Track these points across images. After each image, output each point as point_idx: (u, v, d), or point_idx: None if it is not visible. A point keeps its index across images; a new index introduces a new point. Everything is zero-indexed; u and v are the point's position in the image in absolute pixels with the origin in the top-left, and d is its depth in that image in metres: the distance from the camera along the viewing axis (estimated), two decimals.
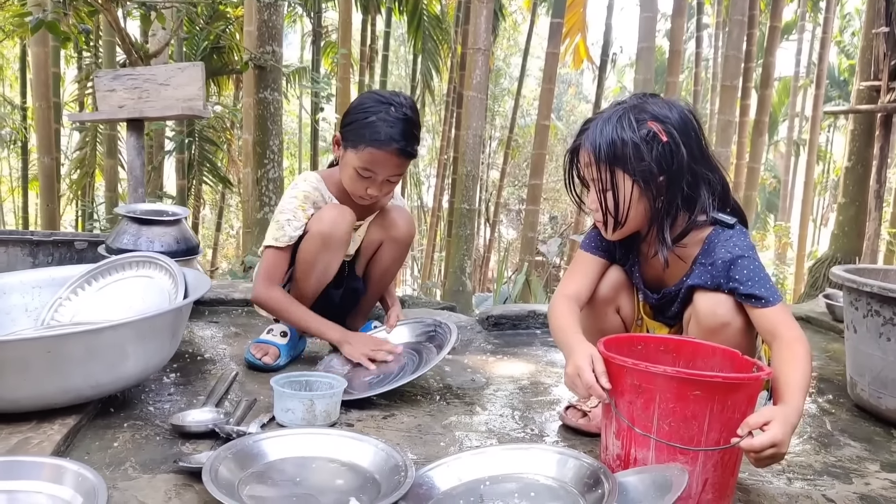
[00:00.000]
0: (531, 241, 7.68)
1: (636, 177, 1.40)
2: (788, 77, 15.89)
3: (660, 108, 1.43)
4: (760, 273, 1.39)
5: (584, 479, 1.21)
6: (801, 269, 11.04)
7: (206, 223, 14.07)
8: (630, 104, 1.45)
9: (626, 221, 1.45)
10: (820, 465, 1.55)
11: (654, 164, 1.39)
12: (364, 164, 1.88)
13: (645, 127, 1.39)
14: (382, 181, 1.92)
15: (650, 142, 1.39)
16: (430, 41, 10.65)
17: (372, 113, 1.86)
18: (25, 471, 1.13)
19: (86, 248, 2.83)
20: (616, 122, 1.41)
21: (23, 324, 1.91)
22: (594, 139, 1.43)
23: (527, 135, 16.05)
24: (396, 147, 1.85)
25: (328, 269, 2.01)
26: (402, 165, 1.92)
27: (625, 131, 1.39)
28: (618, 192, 1.42)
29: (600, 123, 1.43)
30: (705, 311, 1.42)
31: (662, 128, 1.39)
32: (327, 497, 1.20)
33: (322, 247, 1.94)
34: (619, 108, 1.44)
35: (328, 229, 1.93)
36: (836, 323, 2.90)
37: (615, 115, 1.42)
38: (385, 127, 1.84)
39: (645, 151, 1.38)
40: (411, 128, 1.89)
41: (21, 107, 10.35)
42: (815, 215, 17.17)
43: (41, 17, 3.92)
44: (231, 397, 1.72)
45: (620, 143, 1.39)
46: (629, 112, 1.42)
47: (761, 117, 8.81)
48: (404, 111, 1.89)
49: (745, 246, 1.43)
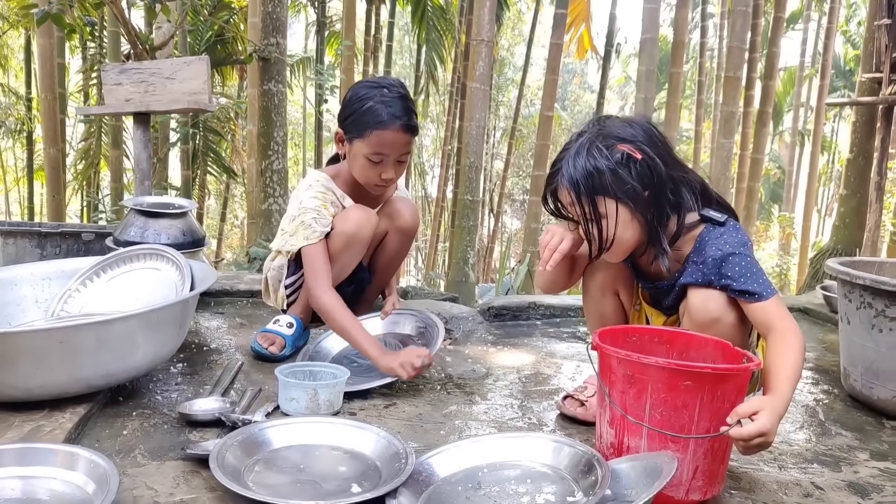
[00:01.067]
0: (535, 231, 7.71)
1: (622, 199, 1.43)
2: (793, 67, 15.83)
3: (622, 128, 1.46)
4: (753, 268, 1.42)
5: (579, 465, 1.25)
6: (804, 260, 11.03)
7: (211, 214, 14.13)
8: (592, 133, 1.46)
9: (615, 243, 1.47)
10: (811, 453, 1.58)
11: (636, 183, 1.42)
12: (373, 148, 1.91)
13: (616, 151, 1.42)
14: (394, 162, 1.96)
15: (626, 163, 1.41)
16: (434, 31, 10.64)
17: (368, 99, 1.90)
18: (40, 457, 1.17)
19: (93, 239, 2.87)
20: (586, 155, 1.43)
21: (33, 315, 1.95)
22: (570, 176, 1.44)
23: (531, 125, 16.05)
24: (401, 124, 1.89)
25: (346, 269, 2.05)
26: (408, 142, 1.96)
27: (598, 160, 1.41)
28: (607, 220, 1.45)
29: (571, 160, 1.45)
30: (696, 306, 1.46)
31: (633, 147, 1.42)
32: (330, 483, 1.24)
33: (345, 247, 1.98)
34: (583, 141, 1.46)
35: (353, 230, 1.97)
36: (833, 314, 2.93)
37: (583, 149, 1.44)
38: (384, 108, 1.88)
39: (624, 174, 1.41)
40: (408, 104, 1.94)
41: (26, 97, 10.40)
42: (820, 206, 17.15)
43: (46, 8, 3.95)
44: (237, 387, 1.77)
45: (597, 174, 1.41)
46: (595, 141, 1.44)
47: (765, 108, 8.79)
48: (397, 90, 1.94)
49: (735, 243, 1.45)
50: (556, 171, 1.48)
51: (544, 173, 8.04)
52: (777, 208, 17.36)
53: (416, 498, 1.20)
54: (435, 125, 16.66)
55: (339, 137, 2.01)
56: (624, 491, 1.16)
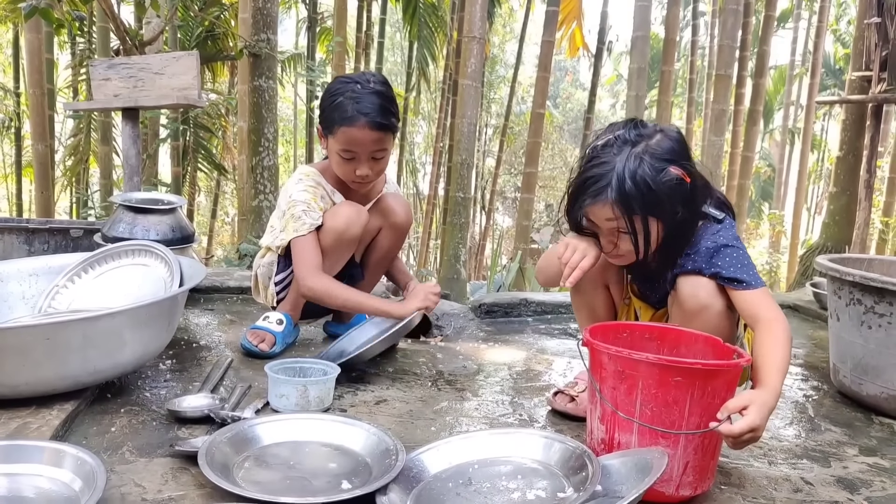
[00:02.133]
0: (526, 229, 7.71)
1: (663, 219, 1.43)
2: (784, 66, 15.92)
3: (665, 143, 1.42)
4: (744, 260, 1.44)
5: (569, 461, 1.25)
6: (794, 258, 11.10)
7: (202, 210, 14.05)
8: (639, 149, 1.40)
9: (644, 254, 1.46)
10: (801, 449, 1.59)
11: (681, 208, 1.42)
12: (342, 145, 1.90)
13: (669, 174, 1.39)
14: (367, 160, 1.92)
15: (677, 187, 1.40)
16: (425, 28, 10.63)
17: (339, 94, 1.88)
18: (26, 454, 1.16)
19: (81, 236, 2.85)
20: (640, 176, 1.37)
21: (20, 311, 1.93)
22: (621, 196, 1.38)
23: (523, 122, 16.05)
24: (366, 121, 1.85)
25: (336, 265, 2.04)
26: (380, 140, 1.90)
27: (652, 182, 1.37)
28: (649, 236, 1.43)
29: (622, 175, 1.38)
30: (686, 294, 1.47)
31: (684, 171, 1.40)
32: (320, 480, 1.23)
33: (335, 243, 1.97)
34: (632, 156, 1.39)
35: (343, 226, 1.96)
36: (822, 311, 2.94)
37: (632, 163, 1.38)
38: (352, 104, 1.85)
39: (675, 197, 1.40)
40: (380, 100, 1.88)
41: (14, 92, 10.31)
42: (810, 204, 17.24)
43: (35, 3, 3.92)
44: (226, 383, 1.75)
45: (652, 196, 1.38)
46: (646, 158, 1.39)
47: (756, 106, 8.83)
48: (371, 86, 1.89)
49: (730, 237, 1.47)
50: (605, 185, 1.40)
51: (536, 171, 8.05)
52: (767, 206, 17.46)
53: (407, 494, 1.19)
54: (426, 122, 16.64)
55: (319, 133, 2.01)
56: (615, 487, 1.16)
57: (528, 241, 7.77)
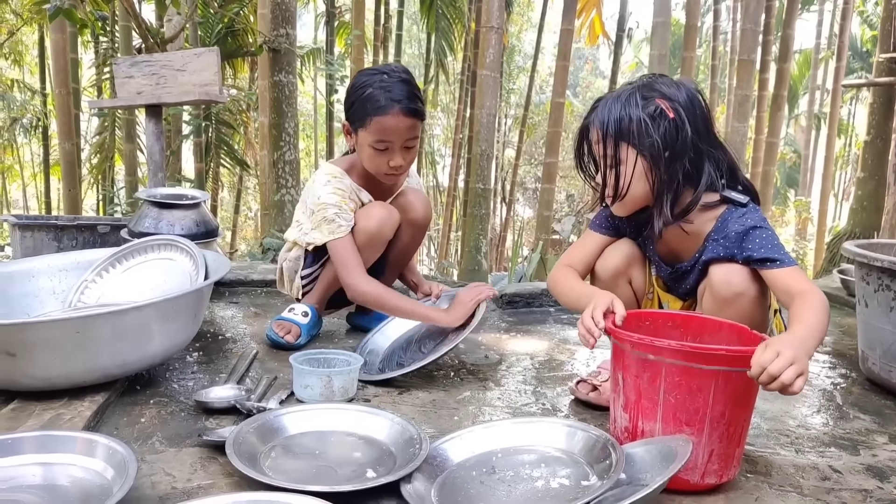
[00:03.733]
0: (547, 219, 7.68)
1: (642, 151, 1.45)
2: (809, 49, 15.62)
3: (668, 86, 1.48)
4: (774, 241, 1.43)
5: (593, 450, 1.25)
6: (821, 245, 10.94)
7: (225, 205, 14.19)
8: (639, 83, 1.50)
9: (627, 194, 1.50)
10: (829, 437, 1.57)
11: (659, 140, 1.43)
12: (376, 136, 1.89)
13: (653, 104, 1.44)
14: (400, 149, 1.93)
15: (657, 118, 1.43)
16: (443, 19, 10.58)
17: (367, 86, 1.88)
18: (60, 444, 1.19)
19: (108, 231, 2.90)
20: (624, 100, 1.46)
21: (51, 306, 1.98)
22: (603, 116, 1.48)
23: (542, 112, 15.96)
24: (400, 108, 1.86)
25: (366, 265, 2.03)
26: (412, 127, 1.92)
27: (632, 108, 1.44)
28: (626, 167, 1.47)
29: (609, 102, 1.49)
30: (719, 281, 1.45)
31: (670, 105, 1.44)
32: (345, 469, 1.25)
33: (367, 243, 1.99)
34: (628, 87, 1.50)
35: (376, 228, 1.98)
36: (850, 298, 2.90)
37: (624, 94, 1.48)
38: (383, 93, 1.86)
39: (651, 127, 1.43)
40: (410, 88, 1.90)
41: (41, 92, 10.48)
42: (837, 190, 16.95)
43: (59, 4, 3.97)
44: (252, 375, 1.78)
45: (627, 119, 1.44)
46: (637, 90, 1.47)
47: (780, 91, 8.68)
48: (398, 75, 1.91)
49: (757, 218, 1.46)
50: (594, 108, 1.52)
51: (556, 161, 8.00)
52: (793, 193, 17.19)
53: (431, 483, 1.20)
54: (445, 114, 16.60)
55: (346, 129, 2.00)
56: (639, 475, 1.16)
57: (549, 231, 7.74)
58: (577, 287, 1.58)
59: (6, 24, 10.43)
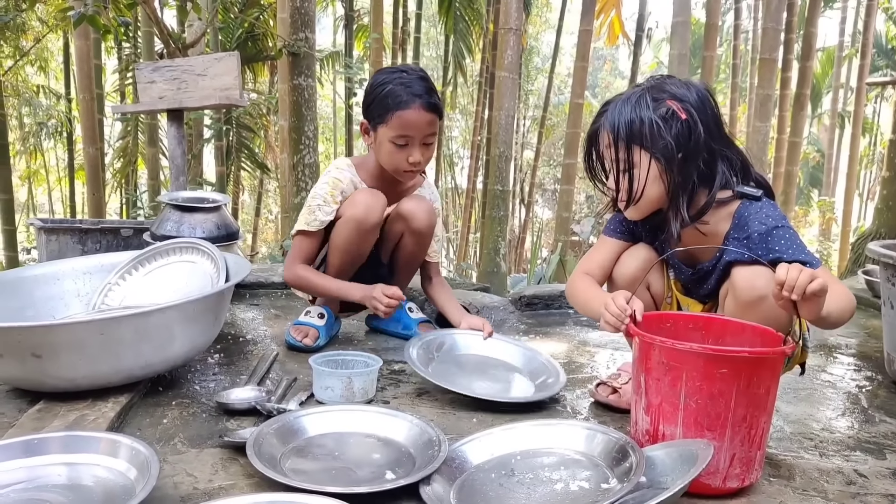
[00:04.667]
0: (566, 221, 7.64)
1: (655, 154, 1.44)
2: (832, 47, 15.38)
3: (678, 87, 1.46)
4: (797, 241, 1.41)
5: (612, 453, 1.24)
6: (846, 245, 10.76)
7: (246, 208, 14.32)
8: (648, 85, 1.49)
9: (641, 198, 1.48)
10: (854, 440, 1.55)
11: (672, 141, 1.42)
12: (397, 131, 1.92)
13: (664, 105, 1.43)
14: (419, 145, 1.96)
15: (669, 119, 1.42)
16: (461, 22, 10.59)
17: (388, 83, 1.92)
18: (84, 445, 1.21)
19: (131, 235, 2.94)
20: (634, 103, 1.45)
21: (75, 308, 2.01)
22: (613, 120, 1.46)
23: (561, 113, 15.89)
24: (421, 102, 1.90)
25: (361, 252, 2.07)
26: (432, 123, 1.95)
27: (643, 110, 1.43)
28: (639, 171, 1.46)
29: (619, 105, 1.47)
30: (743, 284, 1.42)
31: (681, 106, 1.43)
32: (364, 470, 1.25)
33: (355, 231, 1.99)
34: (637, 89, 1.49)
35: (362, 214, 1.98)
36: (875, 299, 2.85)
37: (633, 96, 1.46)
38: (404, 89, 1.90)
39: (664, 129, 1.42)
40: (428, 84, 1.95)
41: (66, 98, 10.65)
42: (861, 189, 16.68)
43: (82, 11, 4.03)
44: (272, 376, 1.79)
45: (639, 122, 1.43)
46: (647, 92, 1.46)
47: (803, 90, 8.56)
48: (417, 73, 1.96)
49: (777, 216, 1.44)
50: (602, 112, 1.50)
51: (575, 162, 7.96)
52: (816, 193, 16.95)
53: (450, 485, 1.21)
54: (463, 116, 16.61)
55: (363, 128, 2.02)
56: (659, 478, 1.15)
57: (568, 233, 7.71)
58: (596, 295, 1.56)
59: (32, 31, 10.62)
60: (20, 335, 1.40)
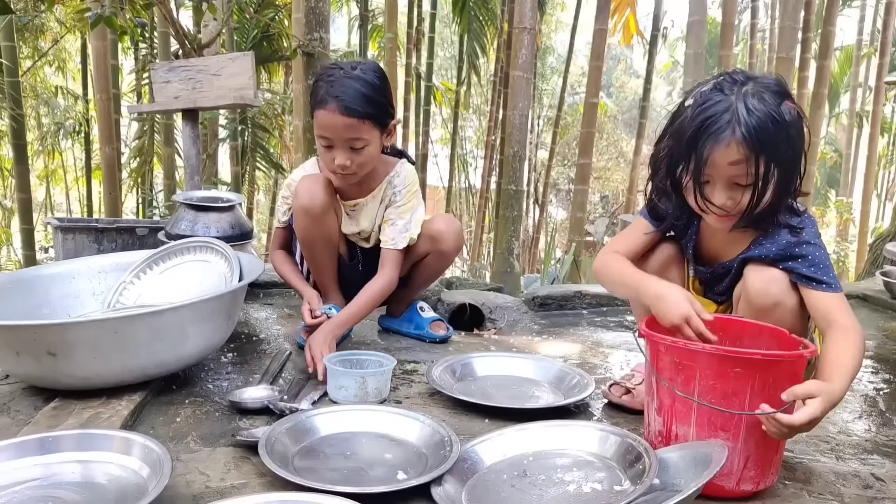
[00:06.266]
0: (580, 221, 7.62)
1: (780, 163, 1.29)
2: (850, 46, 15.21)
3: (770, 81, 1.32)
4: (826, 261, 1.35)
5: (626, 454, 1.23)
6: (863, 246, 10.62)
7: (261, 208, 14.38)
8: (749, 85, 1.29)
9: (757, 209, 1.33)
10: (871, 444, 1.53)
11: (800, 146, 1.31)
12: (316, 130, 1.84)
13: (788, 107, 1.29)
14: (343, 148, 1.83)
15: (797, 123, 1.30)
16: (475, 21, 10.58)
17: (319, 79, 1.85)
18: (98, 443, 1.22)
19: (146, 234, 2.96)
20: (762, 105, 1.25)
21: (91, 307, 2.02)
22: (748, 127, 1.24)
23: (575, 113, 15.83)
24: (336, 104, 1.76)
25: (325, 237, 2.01)
26: (353, 127, 1.79)
27: (779, 114, 1.26)
28: (769, 184, 1.30)
29: (746, 107, 1.25)
30: (757, 289, 1.39)
31: (796, 106, 1.30)
32: (376, 470, 1.25)
33: (307, 219, 1.96)
34: (746, 90, 1.28)
35: (307, 201, 1.94)
36: (893, 301, 2.82)
37: (753, 97, 1.26)
38: (325, 87, 1.80)
39: (796, 136, 1.29)
40: (358, 85, 1.79)
41: (83, 98, 10.76)
42: (880, 190, 16.46)
43: (99, 12, 4.07)
44: (285, 376, 1.80)
45: (776, 127, 1.25)
46: (764, 92, 1.27)
47: (820, 89, 8.46)
48: (354, 72, 1.82)
49: (812, 234, 1.38)
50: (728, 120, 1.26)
51: (590, 162, 7.93)
52: (834, 193, 16.75)
53: (462, 485, 1.20)
54: (477, 116, 16.59)
55: None
56: (672, 480, 1.14)
57: (582, 233, 7.68)
58: (625, 273, 1.46)
59: (51, 32, 10.74)
60: (35, 333, 1.42)
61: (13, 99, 6.30)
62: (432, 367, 1.78)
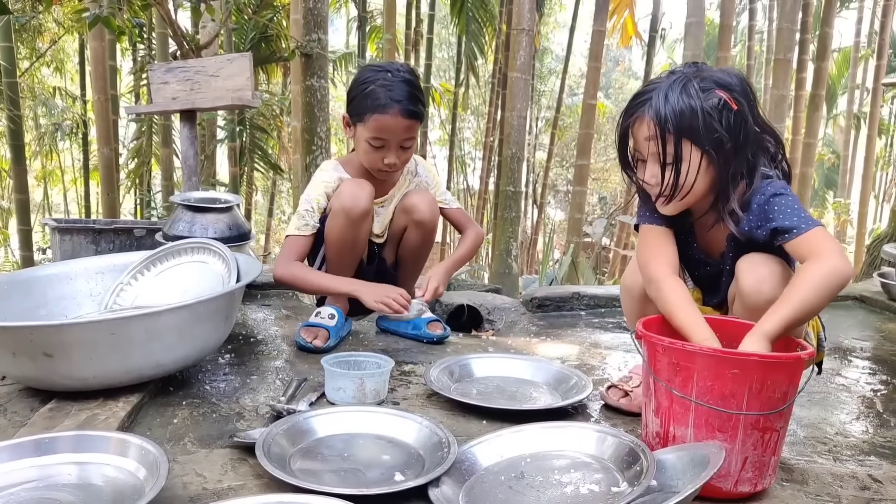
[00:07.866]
0: (578, 222, 7.62)
1: (706, 147, 1.35)
2: (848, 48, 15.25)
3: (721, 74, 1.39)
4: (794, 205, 1.35)
5: (623, 456, 1.23)
6: (861, 248, 10.64)
7: (259, 209, 14.39)
8: (688, 72, 1.39)
9: (688, 194, 1.40)
10: (868, 445, 1.53)
11: (724, 134, 1.34)
12: (373, 133, 1.92)
13: (713, 95, 1.35)
14: (396, 148, 1.95)
15: (721, 110, 1.34)
16: (474, 22, 10.59)
17: (370, 82, 1.91)
18: (94, 444, 1.21)
19: (144, 235, 2.95)
20: (681, 91, 1.35)
21: (88, 308, 2.02)
22: (659, 109, 1.35)
23: (574, 114, 15.85)
24: (399, 108, 1.88)
25: (357, 242, 2.06)
26: (410, 128, 1.94)
27: (693, 100, 1.33)
28: (688, 165, 1.37)
29: (663, 93, 1.36)
30: (749, 288, 1.39)
31: (731, 96, 1.35)
32: (373, 471, 1.25)
33: (346, 221, 2.00)
34: (679, 76, 1.38)
35: (350, 203, 1.98)
36: (891, 302, 2.82)
37: (678, 84, 1.36)
38: (384, 91, 1.88)
39: (716, 121, 1.34)
40: (411, 89, 1.91)
41: (81, 99, 10.75)
42: (877, 191, 16.49)
43: (97, 12, 4.07)
44: (282, 377, 1.79)
45: (690, 113, 1.33)
46: (692, 80, 1.36)
47: (818, 91, 8.48)
48: (402, 75, 1.92)
49: (778, 186, 1.39)
50: (644, 100, 1.38)
51: (588, 163, 7.93)
52: (832, 195, 16.78)
53: (459, 487, 1.20)
54: (475, 117, 16.60)
55: (345, 121, 2.03)
56: (670, 482, 1.14)
57: (580, 234, 7.68)
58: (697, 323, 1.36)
59: (49, 33, 10.73)
60: (32, 334, 1.41)
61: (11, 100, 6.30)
62: (430, 369, 1.78)
